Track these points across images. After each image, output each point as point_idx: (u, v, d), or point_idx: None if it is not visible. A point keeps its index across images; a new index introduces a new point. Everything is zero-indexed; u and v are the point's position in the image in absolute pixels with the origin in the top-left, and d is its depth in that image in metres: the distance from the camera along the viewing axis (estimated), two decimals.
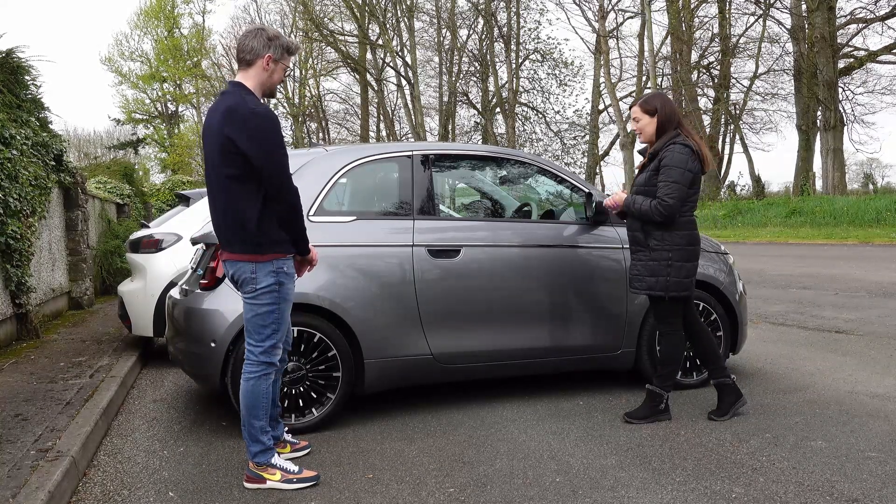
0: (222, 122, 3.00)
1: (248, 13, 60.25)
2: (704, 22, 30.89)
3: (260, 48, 3.09)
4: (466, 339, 4.20)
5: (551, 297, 4.34)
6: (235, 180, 3.02)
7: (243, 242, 3.08)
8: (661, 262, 3.76)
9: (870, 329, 6.24)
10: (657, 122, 3.79)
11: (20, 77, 7.23)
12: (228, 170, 3.02)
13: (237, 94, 3.06)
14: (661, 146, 3.76)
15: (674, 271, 3.76)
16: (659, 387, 3.93)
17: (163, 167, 42.46)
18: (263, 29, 3.17)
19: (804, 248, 15.76)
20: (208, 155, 3.12)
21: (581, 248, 4.44)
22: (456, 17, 33.91)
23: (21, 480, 2.97)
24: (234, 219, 3.07)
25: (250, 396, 3.15)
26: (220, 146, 3.02)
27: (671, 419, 3.91)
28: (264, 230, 3.05)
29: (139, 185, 15.95)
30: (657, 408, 3.91)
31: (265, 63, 3.11)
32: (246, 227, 3.04)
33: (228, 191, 3.05)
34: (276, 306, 3.13)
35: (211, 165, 3.10)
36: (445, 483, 3.14)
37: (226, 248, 3.17)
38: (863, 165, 50.08)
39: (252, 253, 3.07)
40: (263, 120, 2.99)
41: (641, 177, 3.87)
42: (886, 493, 2.86)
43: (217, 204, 3.13)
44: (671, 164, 3.70)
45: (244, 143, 2.96)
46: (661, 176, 3.71)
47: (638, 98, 3.93)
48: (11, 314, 6.54)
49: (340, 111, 41.01)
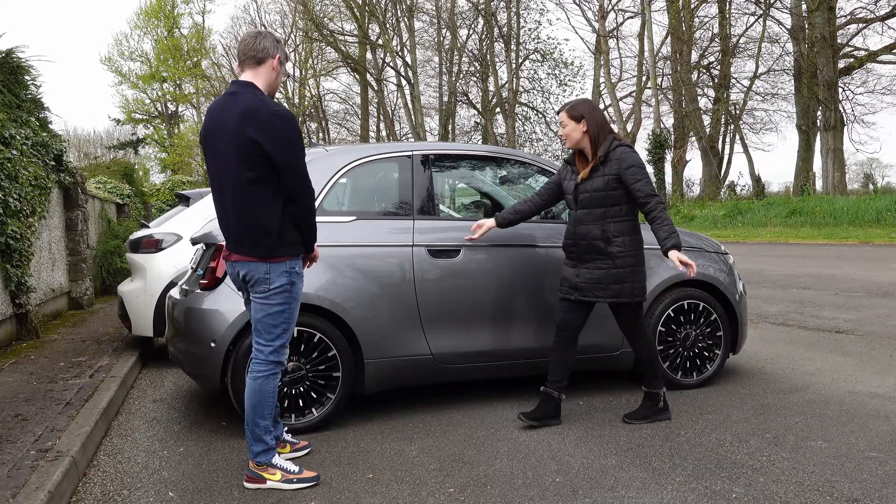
0: (241, 123, 2.96)
1: (248, 13, 60.24)
2: (704, 22, 30.92)
3: (271, 48, 3.13)
4: (466, 339, 4.20)
5: (551, 297, 4.34)
6: (255, 183, 2.99)
7: (258, 246, 3.05)
8: (625, 268, 3.77)
9: (870, 329, 6.24)
10: (587, 129, 3.82)
11: (20, 77, 7.23)
12: (249, 173, 2.98)
13: (252, 95, 3.04)
14: (607, 150, 3.79)
15: (637, 276, 3.81)
16: (651, 388, 3.93)
17: (163, 167, 42.47)
18: (270, 32, 3.22)
19: (804, 248, 15.76)
20: (221, 156, 3.05)
21: None
22: (456, 17, 33.92)
23: (21, 480, 2.97)
24: (253, 223, 3.03)
25: (257, 395, 3.15)
26: (239, 148, 2.97)
27: (671, 418, 3.91)
28: (283, 234, 3.05)
29: (139, 185, 15.96)
30: (656, 406, 3.92)
31: (275, 63, 3.14)
32: (265, 231, 3.03)
33: (247, 195, 3.01)
34: (287, 306, 3.14)
35: (225, 168, 3.04)
36: (445, 483, 3.14)
37: (236, 251, 3.13)
38: (863, 165, 50.10)
39: (268, 257, 3.07)
40: (287, 122, 3.00)
41: (593, 183, 3.79)
42: (886, 493, 2.86)
43: (233, 208, 3.06)
44: (636, 164, 3.75)
45: (269, 145, 2.94)
46: (632, 176, 3.72)
47: (565, 105, 3.95)
48: (11, 314, 6.54)
49: (340, 111, 41.09)
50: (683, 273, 4.49)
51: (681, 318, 4.51)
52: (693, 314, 4.54)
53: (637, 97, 32.21)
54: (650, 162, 28.58)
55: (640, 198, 3.73)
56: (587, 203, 3.82)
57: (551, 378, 3.93)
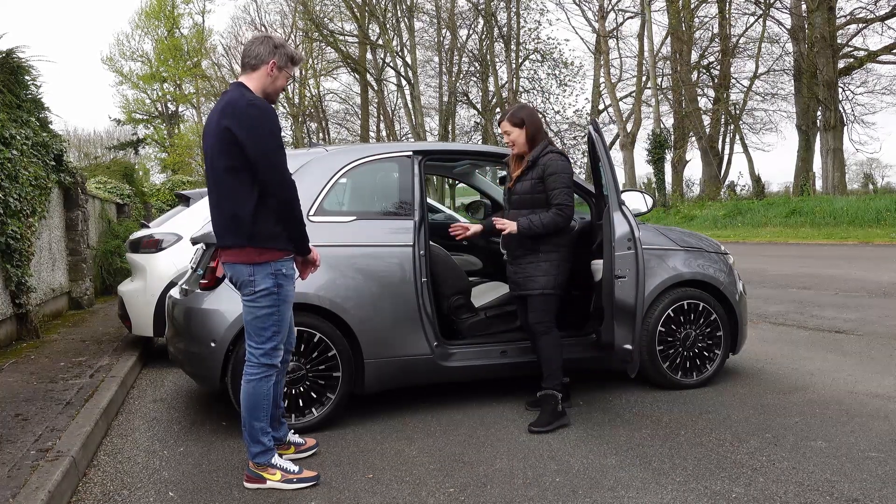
0: (221, 115, 3.03)
1: (248, 13, 60.37)
2: (704, 22, 30.90)
3: (265, 54, 3.14)
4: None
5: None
6: (231, 171, 3.02)
7: (236, 235, 3.06)
8: (551, 262, 3.90)
9: (870, 329, 6.24)
10: (526, 133, 3.91)
11: (20, 77, 7.23)
12: (225, 161, 3.02)
13: (237, 91, 3.10)
14: (538, 154, 3.89)
15: (561, 270, 3.92)
16: (550, 387, 3.90)
17: (163, 167, 42.46)
18: (270, 37, 3.22)
19: (804, 248, 15.76)
20: (207, 151, 3.13)
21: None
22: (456, 17, 33.92)
23: (21, 480, 2.97)
24: (227, 210, 3.06)
25: (251, 398, 3.15)
26: (217, 137, 3.03)
27: (570, 423, 3.86)
28: (258, 223, 3.04)
29: (139, 185, 15.96)
30: (555, 411, 3.86)
31: (269, 69, 3.15)
32: (238, 218, 3.03)
33: (223, 182, 3.05)
34: (275, 308, 3.13)
35: (209, 161, 3.11)
36: (445, 483, 3.14)
37: (221, 244, 3.16)
38: (863, 165, 50.12)
39: (245, 246, 3.05)
40: (260, 111, 3.01)
41: (522, 185, 3.93)
42: (886, 493, 2.86)
43: (213, 197, 3.14)
44: (558, 171, 3.85)
45: (240, 131, 2.97)
46: (551, 184, 3.84)
47: (504, 113, 4.02)
48: (11, 314, 6.54)
49: (340, 111, 41.06)
50: (683, 273, 4.51)
51: (681, 318, 4.51)
52: (693, 314, 4.54)
53: (637, 97, 32.21)
54: (650, 162, 28.59)
55: (552, 203, 3.84)
56: (518, 204, 3.95)
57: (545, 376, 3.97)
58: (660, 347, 4.45)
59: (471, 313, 4.49)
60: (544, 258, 3.90)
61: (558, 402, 3.88)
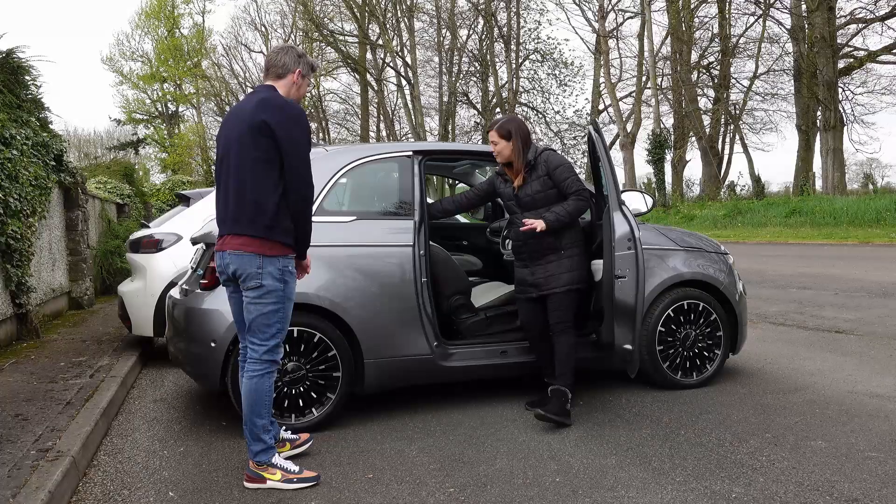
0: (256, 108, 3.12)
1: (248, 13, 60.38)
2: (704, 22, 30.92)
3: (291, 63, 3.30)
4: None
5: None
6: (260, 163, 3.09)
7: (253, 223, 3.10)
8: (573, 258, 4.01)
9: (870, 329, 6.24)
10: (514, 145, 4.00)
11: (20, 77, 7.23)
12: (255, 152, 3.10)
13: (272, 91, 3.23)
14: (534, 156, 4.00)
15: (583, 265, 4.06)
16: (562, 384, 3.93)
17: (163, 167, 42.43)
18: (293, 47, 3.39)
19: (804, 248, 15.76)
20: (232, 141, 3.17)
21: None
22: (456, 17, 33.90)
23: (21, 480, 2.97)
24: (250, 197, 3.10)
25: (253, 395, 3.17)
26: (251, 128, 3.09)
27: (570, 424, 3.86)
28: (279, 215, 3.10)
29: (139, 186, 15.96)
30: (564, 407, 3.88)
31: (294, 77, 3.31)
32: (261, 206, 3.08)
33: (251, 172, 3.11)
34: (280, 305, 3.16)
35: (236, 149, 3.15)
36: (445, 483, 3.14)
37: (232, 230, 3.15)
38: (863, 165, 50.04)
39: (260, 236, 3.09)
40: (298, 111, 3.20)
41: (531, 186, 4.00)
42: (886, 493, 2.86)
43: (235, 185, 3.14)
44: (561, 163, 3.99)
45: (277, 127, 3.07)
46: (560, 175, 3.95)
47: (493, 123, 4.11)
48: (11, 314, 6.54)
49: (340, 111, 41.04)
50: (683, 273, 4.51)
51: (681, 318, 4.51)
52: (693, 314, 4.54)
53: (637, 97, 32.20)
54: (650, 162, 28.59)
55: (568, 192, 3.93)
56: (531, 204, 4.00)
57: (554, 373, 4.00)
58: (660, 347, 4.45)
59: (471, 313, 4.49)
60: (566, 255, 3.98)
61: (568, 399, 3.90)
